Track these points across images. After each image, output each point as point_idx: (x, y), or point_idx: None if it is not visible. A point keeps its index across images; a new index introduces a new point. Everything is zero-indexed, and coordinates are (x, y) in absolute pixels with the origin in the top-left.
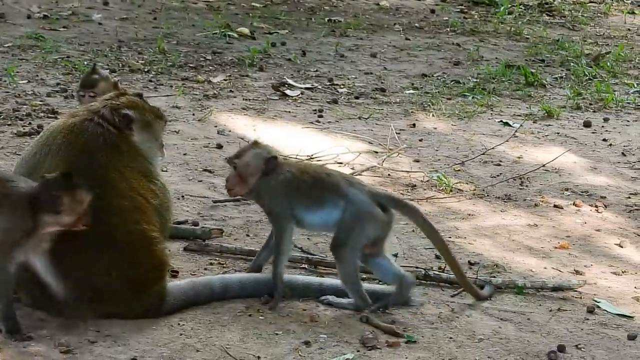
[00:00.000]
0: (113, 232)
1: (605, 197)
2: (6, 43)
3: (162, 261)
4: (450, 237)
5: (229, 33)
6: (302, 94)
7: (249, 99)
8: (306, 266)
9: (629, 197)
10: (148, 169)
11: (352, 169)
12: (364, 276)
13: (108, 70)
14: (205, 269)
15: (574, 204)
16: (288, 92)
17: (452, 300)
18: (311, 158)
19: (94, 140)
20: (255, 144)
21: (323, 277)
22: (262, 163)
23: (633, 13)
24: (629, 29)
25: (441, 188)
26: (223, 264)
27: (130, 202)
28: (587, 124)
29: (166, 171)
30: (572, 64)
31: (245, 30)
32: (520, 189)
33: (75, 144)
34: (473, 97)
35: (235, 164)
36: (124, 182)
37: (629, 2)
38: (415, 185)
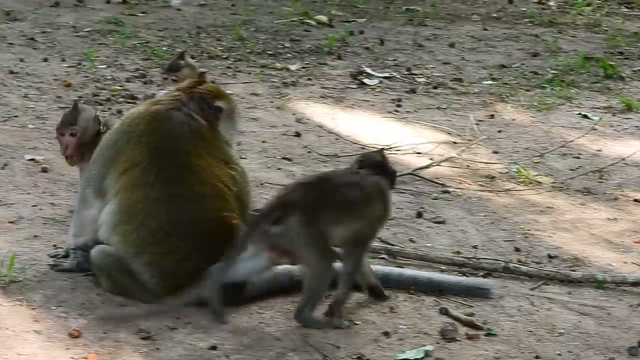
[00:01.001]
0: (195, 219)
1: None
2: (86, 28)
3: None
4: (529, 230)
5: (307, 21)
6: (380, 83)
7: (327, 87)
8: (385, 256)
9: None
10: (229, 156)
11: (431, 159)
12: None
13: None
14: None
15: None
16: (366, 80)
17: (532, 294)
18: (389, 148)
19: (178, 128)
20: None
21: (402, 267)
22: None
23: None
24: None
25: (520, 180)
26: None
27: (212, 190)
28: None
29: (245, 158)
30: None
31: (324, 18)
32: (600, 182)
33: (158, 131)
34: (552, 89)
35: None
36: (206, 169)
37: None
38: (494, 177)
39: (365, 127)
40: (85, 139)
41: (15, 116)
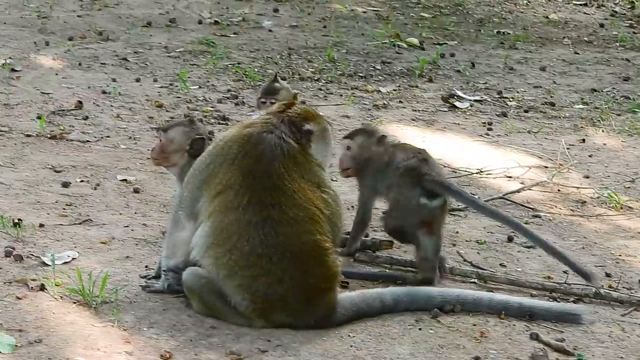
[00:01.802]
0: (287, 242)
1: None
2: (178, 48)
3: (333, 272)
4: (620, 256)
5: (399, 43)
6: (471, 106)
7: (418, 110)
8: (476, 281)
9: None
10: (322, 180)
11: (522, 183)
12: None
13: (279, 78)
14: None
15: None
16: (457, 103)
17: (623, 320)
18: (480, 172)
19: (271, 151)
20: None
21: (493, 292)
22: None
23: None
24: None
25: (611, 205)
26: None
27: (305, 213)
28: None
29: (336, 181)
30: None
31: (415, 41)
32: None
33: (251, 154)
34: None
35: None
36: (299, 192)
37: None
38: (585, 202)
39: (456, 150)
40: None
41: (108, 136)
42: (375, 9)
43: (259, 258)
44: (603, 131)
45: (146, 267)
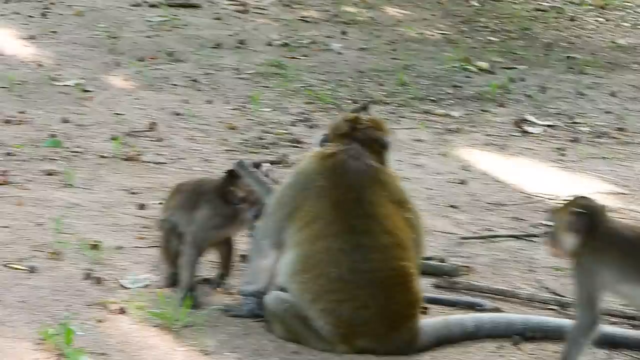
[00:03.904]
0: (376, 268)
1: None
2: (248, 70)
3: (417, 297)
4: None
5: (468, 67)
6: (543, 131)
7: (491, 135)
8: (556, 308)
9: None
10: (404, 196)
11: None
12: None
13: (350, 101)
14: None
15: None
16: (529, 129)
17: None
18: (556, 198)
19: (359, 179)
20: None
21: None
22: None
23: None
24: None
25: None
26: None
27: (395, 239)
28: None
29: None
30: None
31: (485, 65)
32: None
33: (339, 185)
34: None
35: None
36: (389, 218)
37: None
38: None
39: (530, 175)
40: None
41: (182, 158)
42: (443, 32)
43: (346, 284)
44: None
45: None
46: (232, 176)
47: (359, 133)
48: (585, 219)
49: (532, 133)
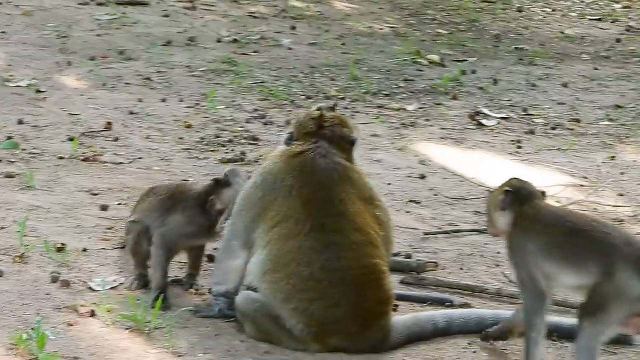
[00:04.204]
0: (348, 266)
1: None
2: (200, 67)
3: (389, 295)
4: None
5: (419, 60)
6: (498, 124)
7: (446, 128)
8: None
9: None
10: (372, 192)
11: (558, 202)
12: None
13: (304, 97)
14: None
15: None
16: (484, 121)
17: None
18: None
19: (328, 177)
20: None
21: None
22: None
23: None
24: None
25: None
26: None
27: (366, 237)
28: None
29: None
30: None
31: (435, 58)
32: None
33: (309, 184)
34: None
35: None
36: (359, 215)
37: None
38: (622, 221)
39: (489, 169)
40: None
41: (140, 158)
42: (392, 26)
43: (318, 283)
44: (632, 148)
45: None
46: (217, 185)
47: (326, 131)
48: (512, 197)
49: (487, 126)
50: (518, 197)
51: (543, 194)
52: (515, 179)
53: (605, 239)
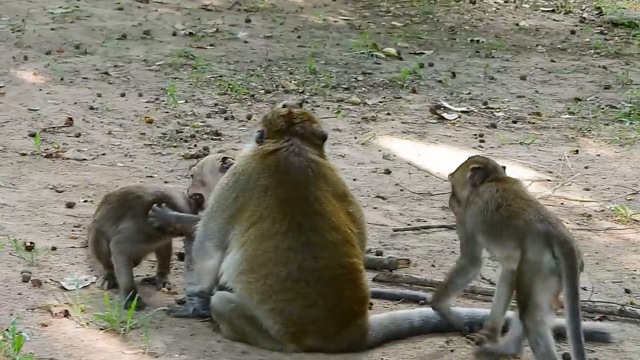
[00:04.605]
0: (325, 265)
1: None
2: (157, 61)
3: (366, 294)
4: (635, 271)
5: (376, 53)
6: (459, 117)
7: (408, 122)
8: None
9: None
10: (344, 188)
11: None
12: None
13: (263, 91)
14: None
15: None
16: (445, 115)
17: None
18: None
19: (303, 175)
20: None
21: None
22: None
23: None
24: None
25: (617, 219)
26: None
27: (343, 236)
28: None
29: None
30: None
31: (392, 51)
32: None
33: (284, 182)
34: (630, 123)
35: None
36: (335, 214)
37: None
38: (590, 215)
39: (453, 163)
40: None
41: (103, 154)
42: (346, 18)
43: (296, 282)
44: (594, 141)
45: (169, 290)
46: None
47: (297, 127)
48: (482, 173)
49: (448, 119)
50: (485, 173)
51: (504, 168)
52: (477, 156)
53: (521, 214)
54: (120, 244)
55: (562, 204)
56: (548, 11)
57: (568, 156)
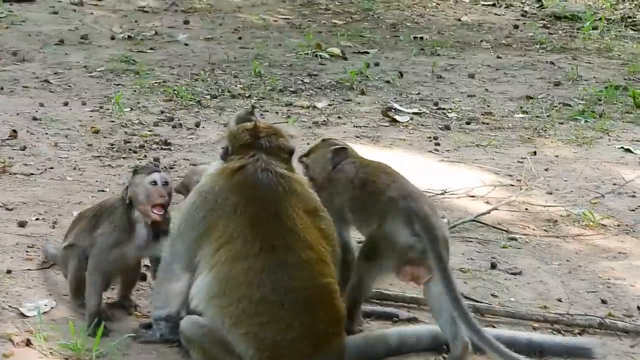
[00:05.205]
0: (301, 286)
1: None
2: (97, 67)
3: (341, 314)
4: (609, 279)
5: (320, 53)
6: (411, 119)
7: (359, 126)
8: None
9: None
10: (315, 203)
11: (487, 202)
12: None
13: (209, 96)
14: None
15: None
16: (397, 117)
17: (633, 351)
18: (444, 193)
19: (273, 192)
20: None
21: (494, 326)
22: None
23: None
24: None
25: (584, 224)
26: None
27: (317, 254)
28: None
29: None
30: None
31: (337, 51)
32: None
33: (253, 200)
34: (585, 121)
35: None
36: (307, 231)
37: None
38: (556, 221)
39: (411, 169)
40: None
41: (51, 167)
42: (286, 17)
43: (270, 305)
44: (552, 142)
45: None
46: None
47: (262, 141)
48: (345, 151)
49: (400, 122)
50: (347, 152)
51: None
52: (328, 138)
53: (386, 191)
54: (97, 256)
55: (526, 209)
56: (488, 5)
57: (524, 158)
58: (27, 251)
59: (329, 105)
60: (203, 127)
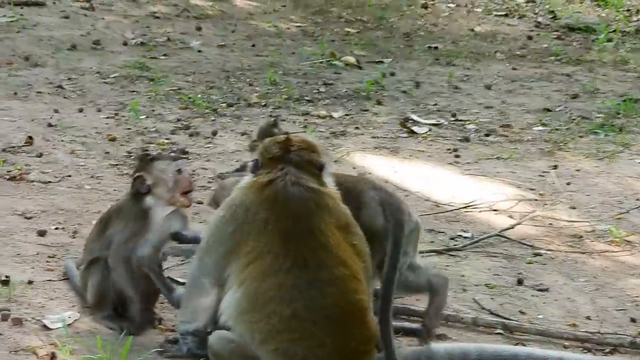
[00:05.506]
0: (333, 303)
1: None
2: (111, 73)
3: (373, 332)
4: (637, 297)
5: (334, 62)
6: (429, 130)
7: (378, 137)
8: (502, 332)
9: None
10: (347, 218)
11: (510, 216)
12: None
13: (225, 104)
14: None
15: None
16: (415, 128)
17: None
18: (468, 206)
19: (304, 207)
20: None
21: (524, 344)
22: None
23: None
24: None
25: (609, 240)
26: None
27: (350, 270)
28: None
29: None
30: None
31: (352, 60)
32: None
33: (285, 216)
34: (605, 135)
35: None
36: (340, 247)
37: None
38: (581, 236)
39: (433, 181)
40: None
41: (69, 176)
42: (298, 24)
43: (301, 322)
44: (572, 155)
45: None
46: (142, 160)
47: (292, 155)
48: None
49: (419, 133)
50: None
51: None
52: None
53: (356, 185)
54: (117, 250)
55: (550, 224)
56: (501, 15)
57: (545, 172)
58: (47, 261)
59: (346, 115)
60: (220, 135)
